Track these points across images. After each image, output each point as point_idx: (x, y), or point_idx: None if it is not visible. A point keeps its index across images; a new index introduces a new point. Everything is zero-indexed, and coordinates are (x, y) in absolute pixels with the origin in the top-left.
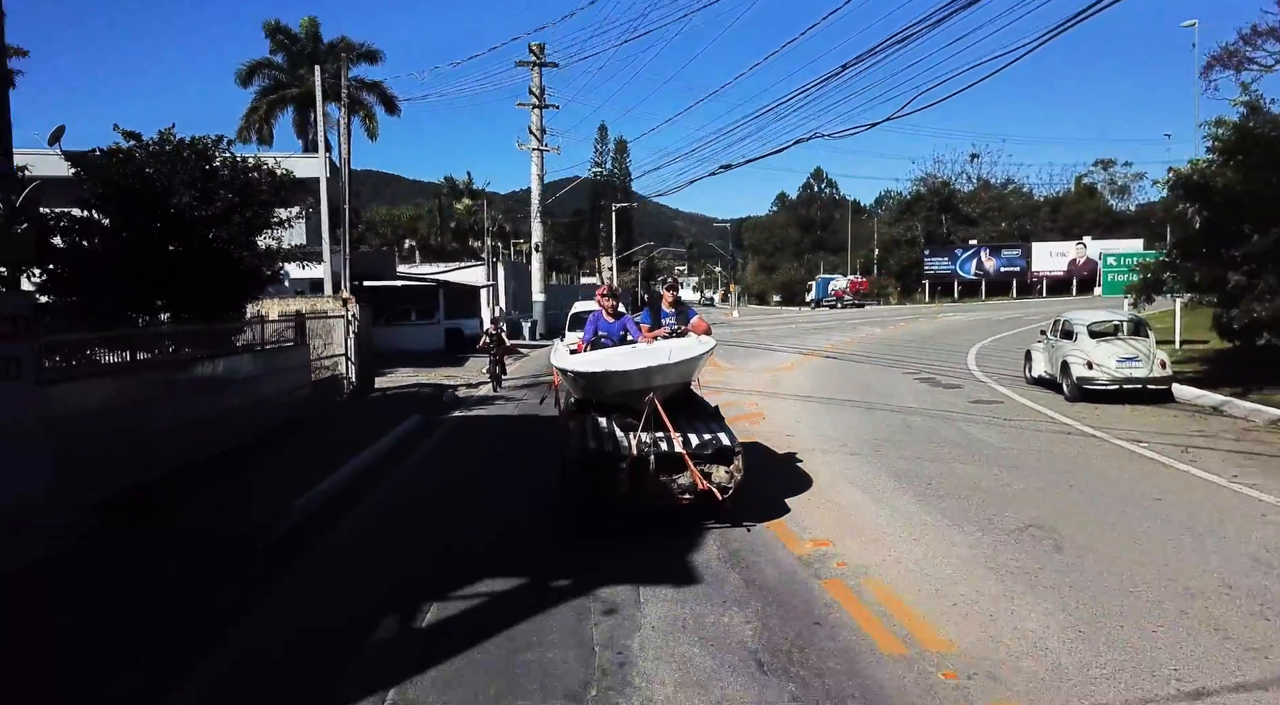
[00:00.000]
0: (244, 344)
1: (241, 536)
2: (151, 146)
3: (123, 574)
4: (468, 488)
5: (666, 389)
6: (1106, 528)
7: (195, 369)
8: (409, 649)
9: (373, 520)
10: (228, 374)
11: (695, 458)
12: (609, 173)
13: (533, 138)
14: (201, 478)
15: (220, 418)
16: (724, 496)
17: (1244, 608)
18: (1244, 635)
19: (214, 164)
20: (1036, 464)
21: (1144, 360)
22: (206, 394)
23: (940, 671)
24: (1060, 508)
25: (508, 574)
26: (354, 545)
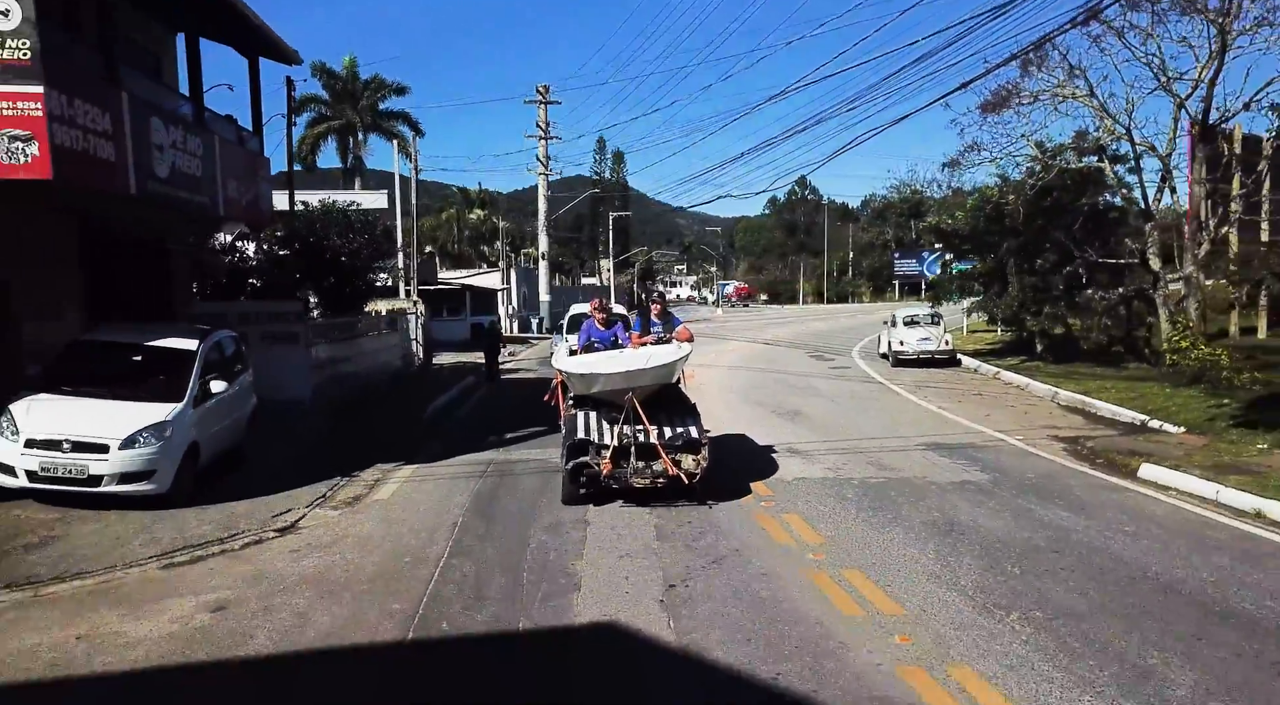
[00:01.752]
0: (372, 330)
1: (411, 417)
2: (315, 210)
3: (358, 430)
4: (509, 410)
5: (646, 389)
6: (841, 415)
7: (357, 343)
8: (500, 442)
9: (467, 417)
10: (368, 346)
11: (667, 447)
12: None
13: (539, 164)
14: (370, 400)
15: (365, 371)
16: (691, 480)
17: (877, 422)
18: (877, 434)
19: (350, 217)
20: (836, 395)
21: (934, 340)
22: (362, 356)
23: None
24: (823, 410)
25: (533, 437)
26: (462, 424)
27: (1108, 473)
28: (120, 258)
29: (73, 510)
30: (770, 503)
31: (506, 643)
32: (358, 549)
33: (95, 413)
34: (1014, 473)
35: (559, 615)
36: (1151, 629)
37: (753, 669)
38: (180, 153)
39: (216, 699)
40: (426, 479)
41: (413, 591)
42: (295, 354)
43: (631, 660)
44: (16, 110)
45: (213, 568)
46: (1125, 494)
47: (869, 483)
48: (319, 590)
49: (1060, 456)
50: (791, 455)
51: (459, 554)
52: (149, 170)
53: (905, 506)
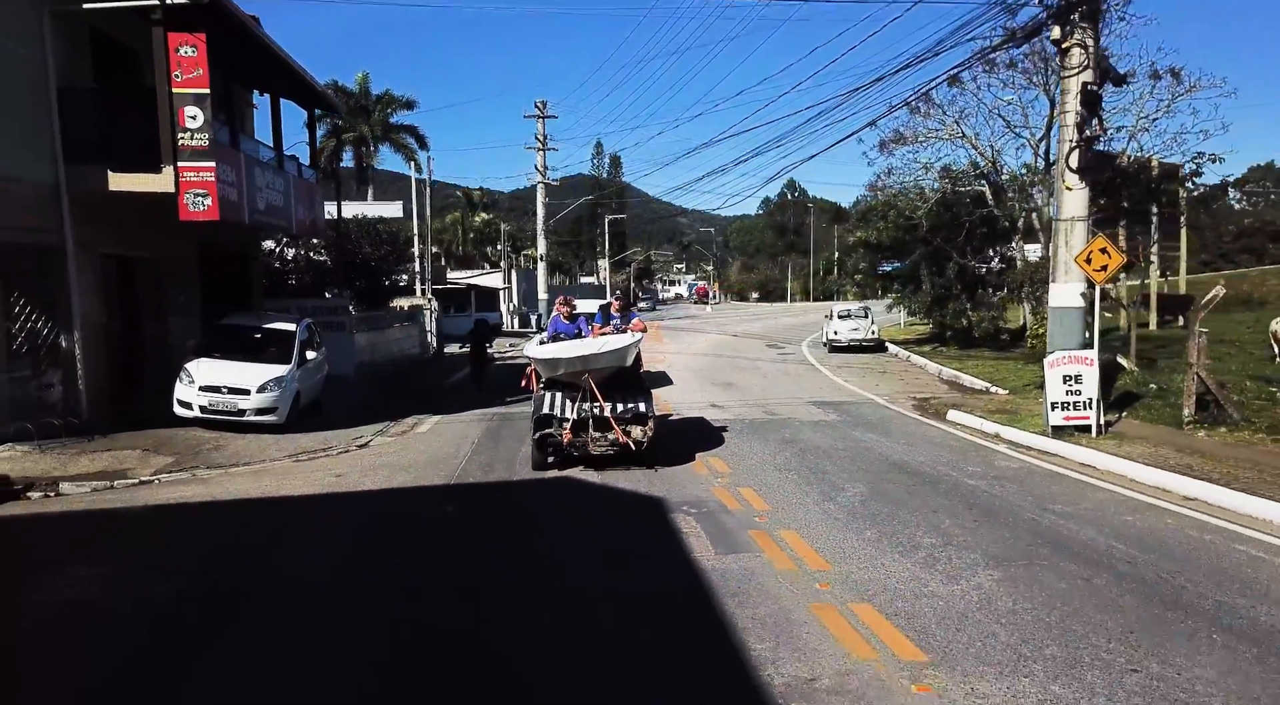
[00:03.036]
0: (396, 322)
1: (432, 387)
2: (352, 226)
3: (394, 395)
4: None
5: (602, 371)
6: (764, 385)
7: (385, 332)
8: (501, 402)
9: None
10: (394, 335)
11: (619, 420)
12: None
13: (538, 174)
14: (398, 376)
15: (392, 354)
16: (638, 448)
17: (788, 389)
18: (781, 396)
19: (380, 232)
20: (770, 373)
21: (863, 330)
22: (389, 343)
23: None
24: (753, 382)
25: (526, 400)
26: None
27: (927, 417)
28: (220, 267)
29: (225, 433)
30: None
31: (503, 486)
32: (412, 453)
33: (238, 370)
34: (859, 417)
35: (537, 477)
36: (878, 481)
37: (643, 490)
38: (270, 190)
39: (349, 505)
40: (451, 422)
41: (450, 468)
42: (342, 339)
43: (574, 491)
44: (199, 177)
45: (324, 462)
46: (925, 427)
47: (753, 420)
48: (394, 468)
49: (903, 408)
50: (711, 407)
51: (475, 455)
52: (254, 205)
53: (769, 432)
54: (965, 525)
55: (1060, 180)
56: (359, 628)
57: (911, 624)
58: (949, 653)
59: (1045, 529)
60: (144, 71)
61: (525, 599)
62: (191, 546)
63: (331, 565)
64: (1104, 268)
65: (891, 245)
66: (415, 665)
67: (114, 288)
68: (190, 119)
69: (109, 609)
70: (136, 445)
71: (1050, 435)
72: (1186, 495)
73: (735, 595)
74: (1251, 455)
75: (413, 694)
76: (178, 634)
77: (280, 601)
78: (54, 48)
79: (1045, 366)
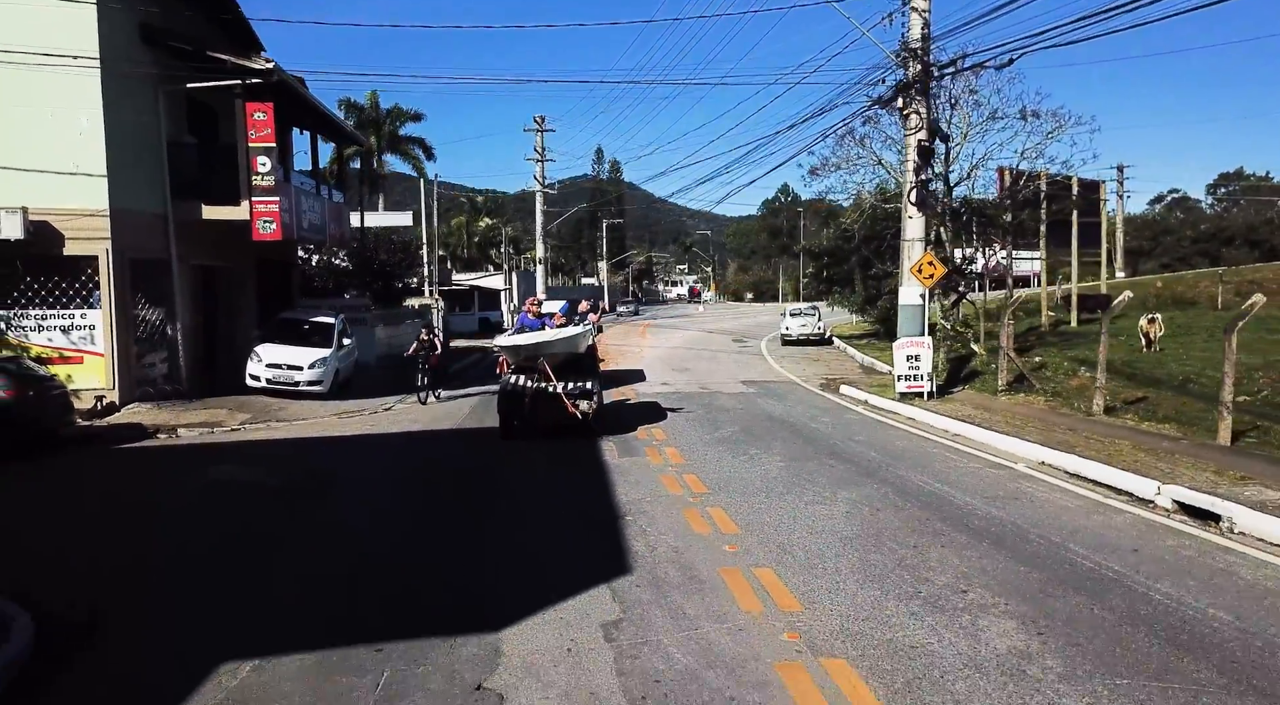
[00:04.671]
0: (408, 318)
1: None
2: (370, 235)
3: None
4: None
5: (556, 356)
6: (712, 370)
7: (399, 328)
8: (495, 382)
9: (473, 374)
10: (406, 330)
11: (568, 396)
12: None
13: (537, 183)
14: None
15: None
16: (584, 419)
17: (730, 373)
18: (722, 377)
19: (394, 241)
20: (723, 361)
21: (810, 326)
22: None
23: (627, 391)
24: (704, 367)
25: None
26: (471, 377)
27: (824, 391)
28: (269, 273)
29: (284, 400)
30: (632, 395)
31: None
32: (427, 413)
33: (293, 352)
34: (771, 390)
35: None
36: (751, 425)
37: (582, 430)
38: (311, 212)
39: (384, 440)
40: (455, 396)
41: (454, 421)
42: (365, 332)
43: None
44: (267, 208)
45: (360, 418)
46: (816, 396)
47: (689, 393)
48: (413, 422)
49: (810, 385)
50: (662, 383)
51: (472, 415)
52: (301, 225)
53: (696, 401)
54: (787, 445)
55: (905, 211)
56: (397, 497)
57: (717, 485)
58: (728, 490)
59: (838, 448)
60: (220, 124)
61: (501, 476)
62: (281, 460)
63: (376, 469)
64: (930, 276)
65: (831, 252)
66: (440, 508)
67: (200, 290)
68: (261, 165)
69: (241, 488)
70: (222, 406)
71: (898, 400)
72: (955, 433)
73: (620, 472)
74: (1022, 410)
75: (441, 517)
76: (286, 500)
77: (344, 487)
78: (164, 114)
79: (894, 349)
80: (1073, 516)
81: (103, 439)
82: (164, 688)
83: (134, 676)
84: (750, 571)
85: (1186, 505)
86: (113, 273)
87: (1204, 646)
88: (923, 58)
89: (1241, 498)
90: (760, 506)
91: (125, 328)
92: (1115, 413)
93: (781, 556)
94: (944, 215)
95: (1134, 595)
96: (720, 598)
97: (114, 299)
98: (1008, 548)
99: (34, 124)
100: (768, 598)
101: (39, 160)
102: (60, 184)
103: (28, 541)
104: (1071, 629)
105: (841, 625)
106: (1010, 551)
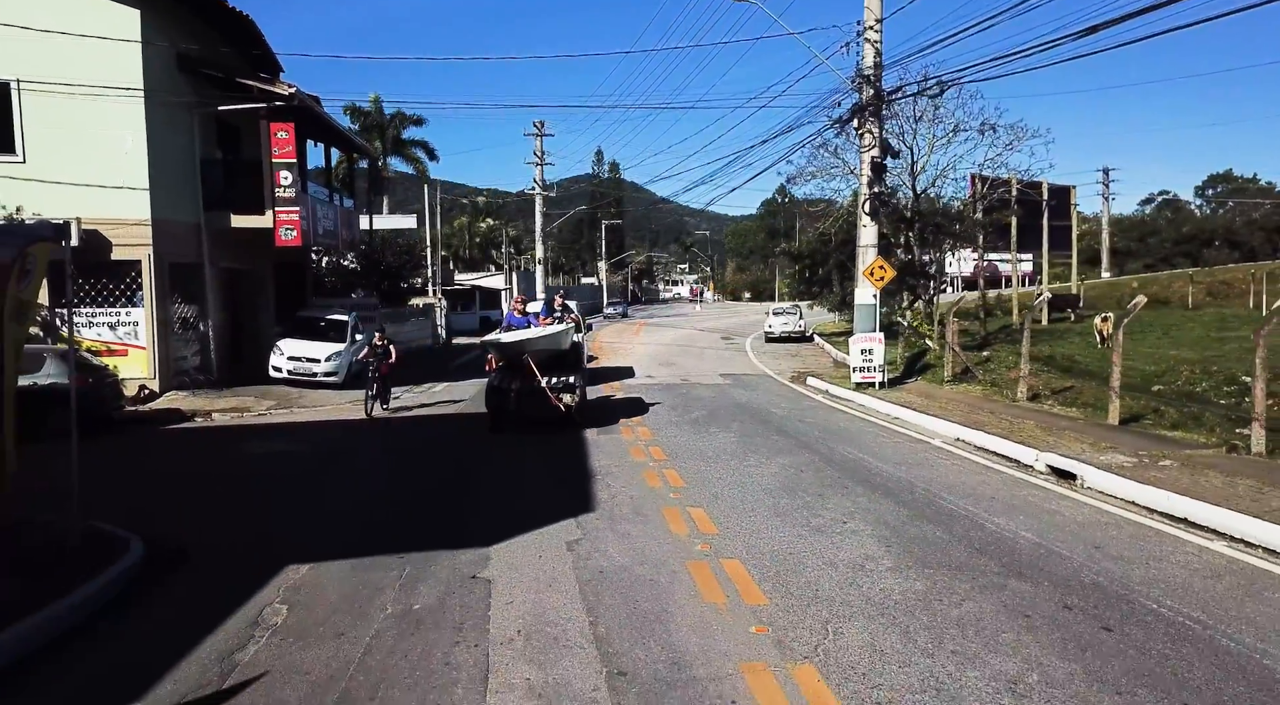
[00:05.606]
0: (414, 317)
1: (445, 365)
2: (377, 237)
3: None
4: None
5: (540, 353)
6: (696, 364)
7: (405, 325)
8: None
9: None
10: (412, 327)
11: (552, 390)
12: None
13: (536, 186)
14: (416, 358)
15: (411, 342)
16: (568, 411)
17: (713, 367)
18: (704, 370)
19: (398, 240)
20: (708, 356)
21: (792, 324)
22: (408, 333)
23: (613, 385)
24: (689, 361)
25: None
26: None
27: (792, 383)
28: (285, 274)
29: (304, 389)
30: (619, 389)
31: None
32: (437, 397)
33: (312, 346)
34: (744, 382)
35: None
36: (718, 411)
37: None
38: (325, 219)
39: (396, 421)
40: (459, 384)
41: (463, 398)
42: (374, 329)
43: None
44: (290, 217)
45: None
46: (783, 387)
47: (671, 385)
48: (421, 406)
49: (781, 378)
50: (647, 376)
51: (473, 400)
52: (317, 232)
53: (676, 391)
54: (744, 425)
55: (860, 221)
56: (406, 462)
57: (676, 453)
58: (684, 458)
59: (787, 427)
60: (243, 140)
61: (494, 448)
62: (307, 437)
63: (388, 442)
64: (881, 278)
65: (811, 255)
66: (442, 470)
67: (227, 290)
68: (283, 179)
69: (277, 455)
70: (249, 394)
71: (854, 389)
72: (894, 416)
73: (596, 445)
74: (959, 398)
75: (443, 476)
76: (317, 463)
77: (363, 454)
78: (197, 134)
79: (850, 343)
80: (958, 476)
81: (150, 421)
82: (247, 581)
83: (222, 577)
84: (685, 510)
85: (1055, 468)
86: (154, 275)
87: (1000, 552)
88: (875, 83)
89: (1097, 461)
90: (707, 468)
91: (164, 324)
92: (1040, 399)
93: (713, 501)
94: (912, 220)
95: (972, 524)
96: (657, 526)
97: (155, 299)
98: (893, 496)
99: (86, 145)
100: (693, 525)
101: (90, 176)
102: (108, 197)
103: (118, 497)
104: (912, 544)
105: (744, 542)
106: (894, 499)
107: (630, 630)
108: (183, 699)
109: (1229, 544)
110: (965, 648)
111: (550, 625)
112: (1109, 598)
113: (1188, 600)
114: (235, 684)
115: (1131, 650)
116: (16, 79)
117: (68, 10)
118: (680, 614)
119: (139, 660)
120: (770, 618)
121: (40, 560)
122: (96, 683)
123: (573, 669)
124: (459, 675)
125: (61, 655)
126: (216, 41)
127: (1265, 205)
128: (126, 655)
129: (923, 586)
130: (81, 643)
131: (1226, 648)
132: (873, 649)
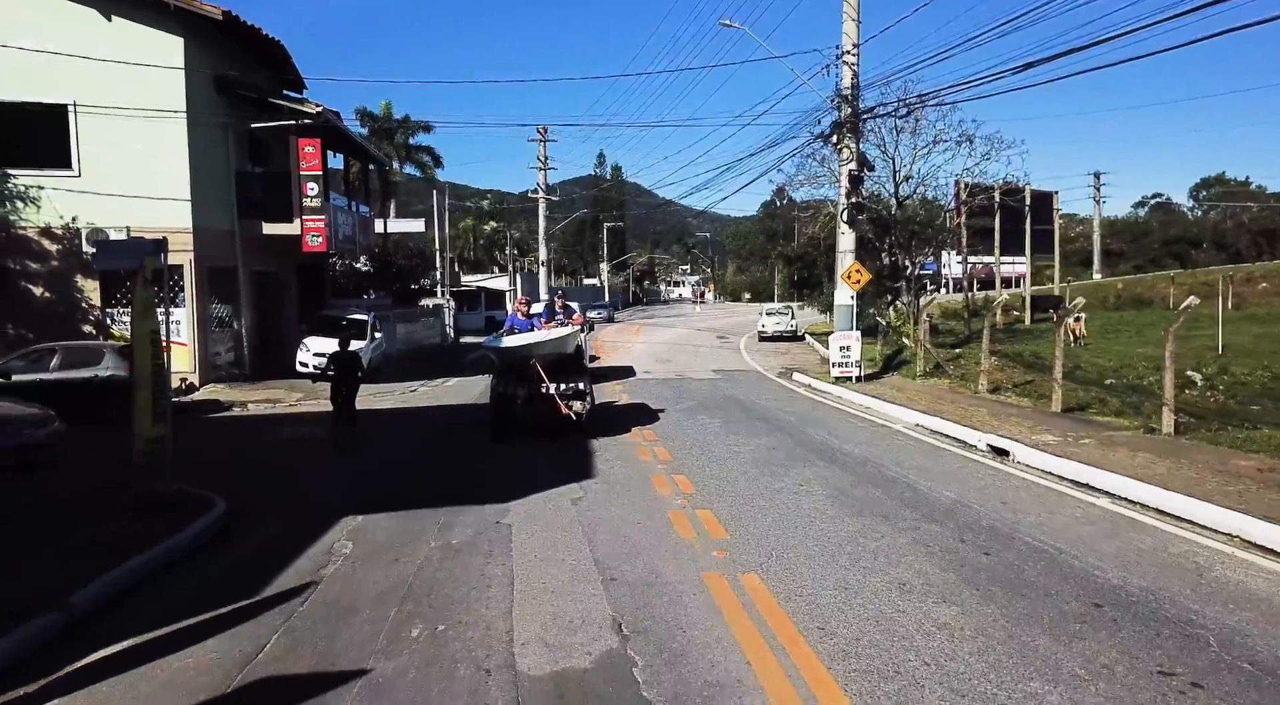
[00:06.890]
0: (424, 316)
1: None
2: (389, 241)
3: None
4: None
5: (547, 356)
6: (691, 361)
7: (416, 324)
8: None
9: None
10: (422, 326)
11: (561, 396)
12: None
13: (540, 190)
14: (426, 356)
15: (422, 341)
16: (578, 420)
17: (707, 363)
18: (698, 367)
19: (409, 244)
20: (703, 354)
21: (785, 324)
22: (419, 332)
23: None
24: (684, 358)
25: None
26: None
27: (780, 378)
28: (306, 276)
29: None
30: (621, 387)
31: None
32: (446, 391)
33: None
34: (734, 377)
35: None
36: (708, 402)
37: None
38: (345, 225)
39: (415, 411)
40: (466, 380)
41: (469, 398)
42: (388, 327)
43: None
44: (316, 225)
45: (392, 397)
46: (770, 382)
47: (665, 380)
48: (436, 399)
49: (770, 373)
50: (645, 373)
51: (485, 394)
52: (338, 238)
53: (671, 385)
54: (729, 413)
55: (838, 229)
56: (432, 442)
57: (666, 435)
58: (674, 439)
59: (768, 415)
60: (272, 152)
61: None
62: None
63: (413, 426)
64: (858, 282)
65: (802, 258)
66: (464, 447)
67: (257, 292)
68: (310, 190)
69: (313, 440)
70: (279, 387)
71: (834, 383)
72: (866, 406)
73: (596, 429)
74: (927, 390)
75: (465, 452)
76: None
77: (392, 436)
78: (232, 149)
79: (830, 340)
80: (909, 454)
81: (193, 410)
82: (314, 528)
83: (293, 524)
84: (671, 477)
85: (993, 446)
86: (194, 278)
87: (923, 507)
88: (853, 103)
89: (1028, 440)
90: (693, 446)
91: (204, 323)
92: (1000, 391)
93: (695, 471)
94: (892, 226)
95: (908, 488)
96: (647, 488)
97: (195, 299)
98: (848, 468)
99: (134, 160)
100: (676, 487)
101: (138, 188)
102: (153, 207)
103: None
104: (854, 502)
105: (716, 498)
106: (849, 470)
107: (621, 555)
108: (296, 584)
109: (1113, 501)
110: (873, 565)
111: (560, 552)
112: (999, 536)
113: (1059, 538)
114: (329, 577)
115: (1000, 567)
116: (74, 101)
117: (120, 40)
118: (660, 545)
119: (252, 570)
120: (729, 547)
121: (151, 510)
122: (229, 573)
123: (578, 577)
124: (492, 581)
125: (193, 562)
126: (251, 64)
127: (1254, 208)
128: (242, 567)
129: (853, 529)
130: (205, 555)
131: (1073, 567)
132: (804, 566)
